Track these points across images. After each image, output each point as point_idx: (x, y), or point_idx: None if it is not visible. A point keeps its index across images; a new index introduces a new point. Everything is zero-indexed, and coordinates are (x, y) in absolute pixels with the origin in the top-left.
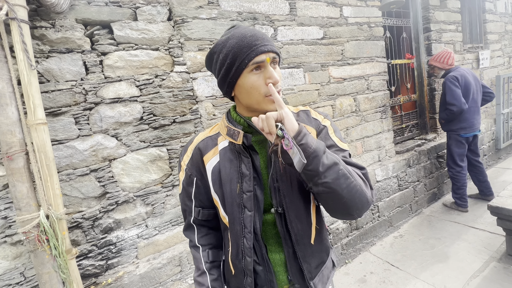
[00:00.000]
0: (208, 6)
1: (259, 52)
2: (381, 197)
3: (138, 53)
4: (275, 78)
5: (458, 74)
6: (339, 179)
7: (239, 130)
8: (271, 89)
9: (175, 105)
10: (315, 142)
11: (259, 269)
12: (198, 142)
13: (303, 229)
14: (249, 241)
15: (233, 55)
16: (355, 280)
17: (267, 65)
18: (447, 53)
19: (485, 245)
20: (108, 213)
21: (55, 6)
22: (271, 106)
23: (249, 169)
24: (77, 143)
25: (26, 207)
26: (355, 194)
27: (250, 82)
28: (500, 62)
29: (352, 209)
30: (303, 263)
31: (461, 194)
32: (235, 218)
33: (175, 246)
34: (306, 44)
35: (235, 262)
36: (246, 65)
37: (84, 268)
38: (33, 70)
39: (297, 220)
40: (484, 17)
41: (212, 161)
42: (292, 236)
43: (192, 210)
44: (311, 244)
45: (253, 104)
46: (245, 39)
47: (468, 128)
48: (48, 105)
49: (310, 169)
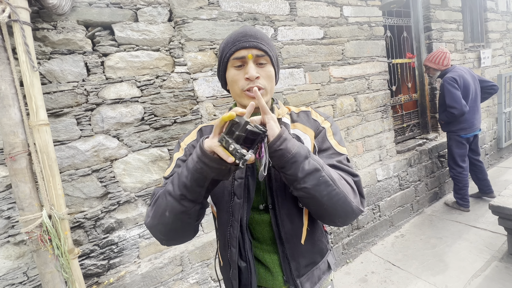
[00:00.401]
0: (208, 6)
1: (239, 47)
2: (382, 197)
3: (139, 54)
4: (250, 73)
5: (456, 75)
6: (319, 185)
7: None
8: (255, 94)
9: (176, 105)
10: (296, 147)
11: (242, 265)
12: (201, 126)
13: (293, 228)
14: (235, 230)
15: (221, 50)
16: (356, 280)
17: (248, 61)
18: (442, 54)
19: (487, 244)
20: (109, 213)
21: (57, 8)
22: (247, 101)
23: None
24: (79, 144)
25: (29, 207)
26: (336, 202)
27: (231, 76)
28: (502, 61)
29: (334, 217)
30: (291, 261)
31: (462, 194)
32: (224, 206)
33: (176, 246)
34: (307, 44)
35: (222, 253)
36: (228, 59)
37: (86, 268)
38: (35, 72)
39: (287, 219)
40: (485, 16)
41: None
42: (282, 235)
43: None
44: (301, 244)
45: (235, 97)
46: (234, 35)
47: (469, 128)
48: (50, 106)
49: (289, 174)
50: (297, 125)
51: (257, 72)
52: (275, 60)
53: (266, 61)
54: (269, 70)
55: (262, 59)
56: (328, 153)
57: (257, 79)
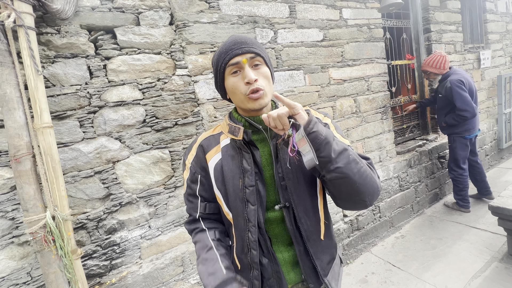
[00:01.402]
0: (209, 10)
1: (233, 55)
2: (382, 198)
3: (140, 57)
4: (248, 77)
5: (461, 77)
6: (350, 163)
7: (240, 126)
8: (278, 97)
9: (177, 107)
10: (325, 129)
11: (265, 261)
12: (201, 140)
13: (312, 225)
14: (253, 235)
15: (216, 61)
16: (356, 281)
17: (244, 65)
18: (441, 57)
19: (487, 245)
20: (112, 214)
21: (61, 12)
22: (252, 104)
23: (250, 164)
24: (81, 146)
25: (33, 208)
26: (365, 178)
27: (231, 84)
28: (502, 62)
29: (365, 195)
30: (315, 260)
31: (463, 195)
32: (239, 213)
33: (177, 247)
34: (306, 46)
35: (240, 256)
36: (224, 69)
37: (89, 268)
38: (40, 75)
39: (306, 216)
40: (484, 17)
41: (215, 158)
42: (302, 233)
43: (198, 206)
44: (321, 240)
45: (239, 104)
46: (225, 45)
47: (472, 129)
48: (54, 109)
49: (323, 155)
50: None
51: (255, 75)
52: (268, 60)
53: (260, 62)
54: (265, 71)
55: (256, 61)
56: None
57: (256, 81)
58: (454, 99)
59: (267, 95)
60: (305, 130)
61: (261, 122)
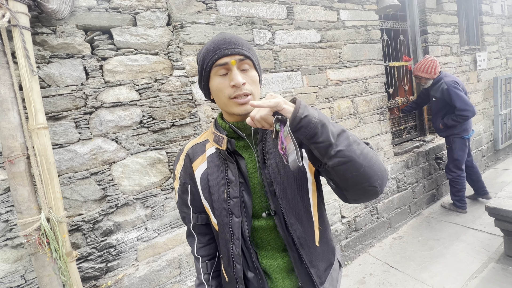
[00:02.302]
0: (206, 11)
1: (221, 55)
2: (380, 199)
3: (137, 58)
4: (236, 80)
5: (455, 79)
6: (352, 145)
7: (223, 136)
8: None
9: (174, 108)
10: (317, 112)
11: (250, 275)
12: (188, 149)
13: (305, 231)
14: (237, 248)
15: (202, 59)
16: (354, 282)
17: (232, 67)
18: (432, 62)
19: (484, 246)
20: (108, 216)
21: (56, 12)
22: (237, 109)
23: (235, 174)
24: (77, 147)
25: (27, 210)
26: (371, 160)
27: (215, 84)
28: (498, 63)
29: (374, 179)
30: (310, 268)
31: (460, 196)
32: (224, 225)
33: (174, 249)
34: (304, 48)
35: (227, 269)
36: (210, 68)
37: (84, 271)
38: (35, 76)
39: (298, 222)
40: (481, 19)
41: (201, 168)
42: (295, 240)
43: (191, 217)
44: (316, 246)
45: (222, 106)
46: (214, 43)
47: (468, 128)
48: (49, 109)
49: (322, 140)
50: None
51: (243, 78)
52: (257, 64)
53: (249, 65)
54: (253, 75)
55: (245, 63)
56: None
57: (243, 85)
58: (452, 100)
59: (253, 100)
60: (295, 118)
61: (245, 128)
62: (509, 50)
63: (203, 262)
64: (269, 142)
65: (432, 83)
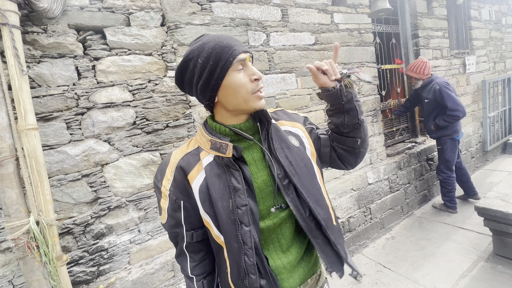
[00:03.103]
0: (201, 12)
1: (240, 50)
2: (373, 199)
3: (131, 58)
4: (258, 74)
5: (446, 80)
6: (363, 113)
7: (227, 143)
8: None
9: (168, 109)
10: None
11: (263, 282)
12: (177, 161)
13: (325, 213)
14: (251, 258)
15: (216, 56)
16: (348, 282)
17: (248, 63)
18: (422, 63)
19: (473, 245)
20: (100, 219)
21: (47, 11)
22: (259, 103)
23: (240, 182)
24: (68, 148)
25: (15, 213)
26: (367, 133)
27: (237, 80)
28: (486, 67)
29: (366, 143)
30: (337, 245)
31: (451, 197)
32: (232, 236)
33: (168, 251)
34: (298, 50)
35: (237, 282)
36: (231, 63)
37: (75, 275)
38: (24, 75)
39: (319, 207)
40: (469, 24)
41: (198, 179)
42: (321, 223)
43: (184, 236)
44: (334, 225)
45: (240, 104)
46: (224, 40)
47: (459, 130)
48: (39, 110)
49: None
50: (283, 122)
51: None
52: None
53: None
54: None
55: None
56: (323, 129)
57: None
58: (444, 100)
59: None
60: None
61: (247, 129)
62: (496, 54)
63: (198, 281)
64: (274, 137)
65: (423, 84)
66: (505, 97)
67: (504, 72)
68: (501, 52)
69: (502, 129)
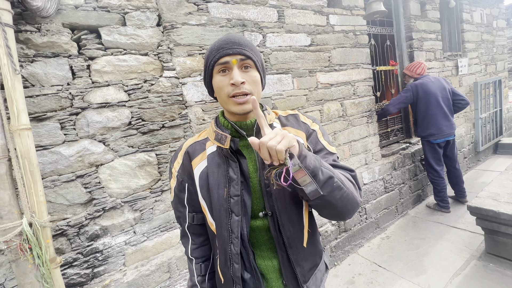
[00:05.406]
0: (197, 12)
1: (223, 54)
2: (368, 200)
3: (126, 58)
4: (235, 78)
5: (417, 83)
6: (333, 191)
7: (226, 135)
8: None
9: (164, 110)
10: (313, 161)
11: (247, 276)
12: (187, 147)
13: (295, 232)
14: (236, 247)
15: (206, 58)
16: (344, 282)
17: (232, 66)
18: (418, 64)
19: (466, 244)
20: (94, 220)
21: (41, 10)
22: (235, 107)
23: (236, 173)
24: (62, 149)
25: (8, 215)
26: (347, 202)
27: (217, 82)
28: (478, 69)
29: (344, 215)
30: (296, 266)
31: (442, 196)
32: (222, 224)
33: (164, 252)
34: (294, 51)
35: (223, 269)
36: (213, 66)
37: (69, 277)
38: (17, 75)
39: (289, 223)
40: (462, 27)
41: (200, 165)
42: (284, 240)
43: (186, 216)
44: (304, 247)
45: (222, 104)
46: (218, 43)
47: (437, 134)
48: (32, 110)
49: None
50: (289, 129)
51: (242, 77)
52: (259, 65)
53: (250, 65)
54: (254, 75)
55: (246, 63)
56: (323, 154)
57: (243, 84)
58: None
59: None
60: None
61: (247, 128)
62: (488, 57)
63: (197, 264)
64: None
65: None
66: (496, 99)
67: (495, 74)
68: (492, 55)
69: (493, 130)
